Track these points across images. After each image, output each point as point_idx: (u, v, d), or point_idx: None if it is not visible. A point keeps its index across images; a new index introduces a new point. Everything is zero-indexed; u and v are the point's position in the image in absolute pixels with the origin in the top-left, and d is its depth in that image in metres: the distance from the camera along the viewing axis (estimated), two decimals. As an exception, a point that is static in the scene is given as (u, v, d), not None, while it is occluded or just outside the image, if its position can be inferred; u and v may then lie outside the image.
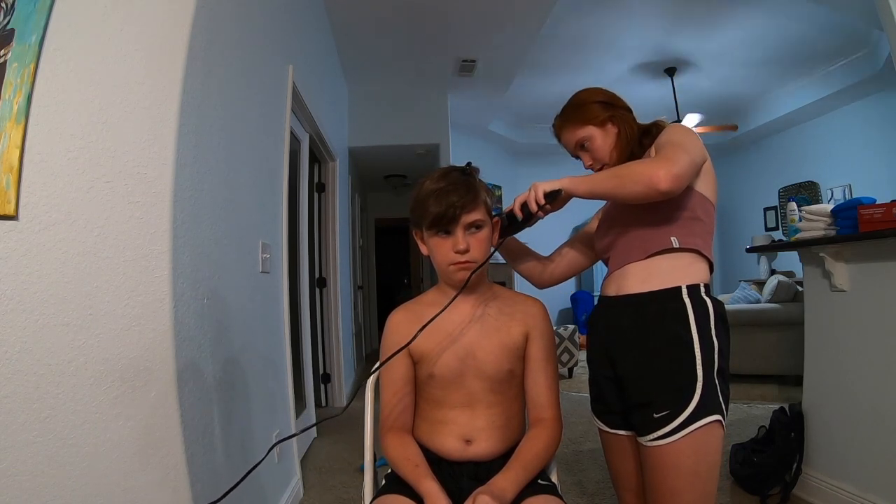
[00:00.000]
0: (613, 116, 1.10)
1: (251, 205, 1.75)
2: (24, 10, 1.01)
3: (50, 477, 0.99)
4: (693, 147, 0.96)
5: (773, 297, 3.89)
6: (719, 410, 0.91)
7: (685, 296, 0.95)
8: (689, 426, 0.89)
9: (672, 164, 0.88)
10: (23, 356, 0.97)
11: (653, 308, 0.97)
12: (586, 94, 1.14)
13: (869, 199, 1.62)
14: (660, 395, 0.93)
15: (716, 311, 0.96)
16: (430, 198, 0.95)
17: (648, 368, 0.96)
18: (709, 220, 1.02)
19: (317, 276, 3.66)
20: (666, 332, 0.95)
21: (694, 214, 1.00)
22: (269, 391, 1.89)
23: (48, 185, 1.02)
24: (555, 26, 3.72)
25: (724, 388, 0.94)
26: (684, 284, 0.96)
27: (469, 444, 0.99)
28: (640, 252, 1.01)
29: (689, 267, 0.98)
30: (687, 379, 0.91)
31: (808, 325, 1.91)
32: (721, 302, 0.99)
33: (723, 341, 0.95)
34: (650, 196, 0.89)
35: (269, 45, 2.00)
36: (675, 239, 0.98)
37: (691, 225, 0.99)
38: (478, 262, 0.98)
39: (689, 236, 0.99)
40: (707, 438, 0.90)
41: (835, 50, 4.33)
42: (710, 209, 1.03)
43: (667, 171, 0.87)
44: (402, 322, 1.05)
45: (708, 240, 1.02)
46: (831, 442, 1.79)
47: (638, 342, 0.98)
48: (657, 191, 0.88)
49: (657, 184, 0.87)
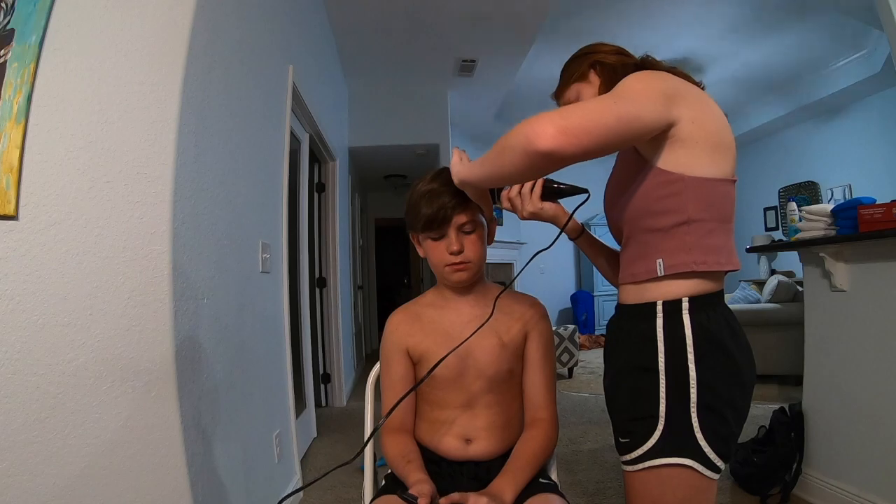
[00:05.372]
0: (595, 63, 0.93)
1: (251, 205, 1.75)
2: (24, 10, 1.01)
3: (50, 477, 0.99)
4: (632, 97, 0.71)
5: (773, 297, 3.89)
6: (694, 455, 0.73)
7: (659, 314, 0.77)
8: (647, 461, 0.76)
9: (562, 116, 0.64)
10: (23, 356, 0.97)
11: (627, 324, 0.84)
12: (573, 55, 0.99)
13: (869, 199, 1.62)
14: (623, 421, 0.82)
15: (700, 333, 0.75)
16: (422, 200, 0.94)
17: (616, 389, 0.85)
18: (713, 213, 0.76)
19: (317, 276, 3.66)
20: (633, 355, 0.80)
21: (685, 216, 0.75)
22: (269, 391, 1.89)
23: (48, 185, 1.02)
24: (555, 25, 3.73)
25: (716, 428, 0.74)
26: (660, 300, 0.77)
27: (469, 444, 0.99)
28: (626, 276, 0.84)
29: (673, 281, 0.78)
30: (647, 412, 0.76)
31: (808, 325, 1.91)
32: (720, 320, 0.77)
33: (706, 371, 0.74)
34: (534, 164, 0.67)
35: (269, 45, 2.00)
36: (660, 262, 0.77)
37: (683, 234, 0.76)
38: (473, 263, 0.97)
39: (680, 252, 0.76)
40: (673, 481, 0.74)
41: (835, 50, 4.33)
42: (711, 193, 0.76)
43: (551, 122, 0.64)
44: (401, 323, 1.05)
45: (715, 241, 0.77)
46: (831, 442, 1.79)
47: (612, 359, 0.89)
48: (537, 151, 0.64)
49: (534, 141, 0.64)
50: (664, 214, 0.77)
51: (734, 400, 0.76)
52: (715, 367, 0.75)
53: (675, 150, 0.75)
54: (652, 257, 0.78)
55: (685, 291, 0.77)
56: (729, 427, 0.75)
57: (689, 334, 0.75)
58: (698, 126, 0.74)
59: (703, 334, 0.75)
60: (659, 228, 0.78)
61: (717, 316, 0.77)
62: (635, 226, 0.81)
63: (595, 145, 0.66)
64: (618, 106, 0.69)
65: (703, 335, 0.75)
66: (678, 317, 0.76)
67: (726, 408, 0.75)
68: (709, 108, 0.78)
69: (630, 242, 0.84)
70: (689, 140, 0.74)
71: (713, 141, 0.76)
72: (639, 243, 0.81)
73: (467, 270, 0.97)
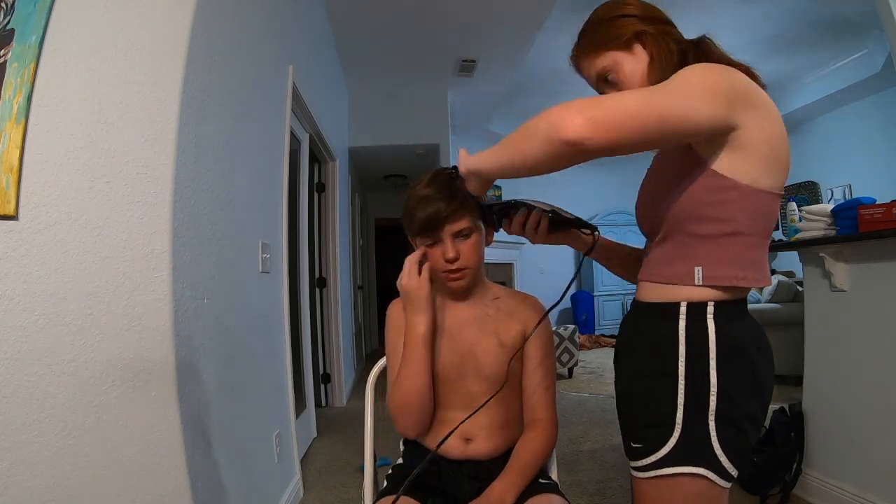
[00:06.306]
0: (643, 33, 0.80)
1: (251, 205, 1.75)
2: (24, 10, 1.01)
3: (50, 477, 0.99)
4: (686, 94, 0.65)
5: (773, 297, 3.89)
6: (709, 464, 0.70)
7: (682, 316, 0.73)
8: (660, 469, 0.72)
9: (595, 106, 0.60)
10: (23, 356, 0.97)
11: (647, 324, 0.79)
12: (606, 7, 0.84)
13: (869, 199, 1.62)
14: (636, 426, 0.78)
15: (723, 339, 0.71)
16: (417, 207, 0.93)
17: (631, 392, 0.82)
18: (760, 228, 0.73)
19: (317, 276, 3.66)
20: (651, 357, 0.77)
21: (735, 227, 0.71)
22: (269, 391, 1.89)
23: (48, 185, 1.02)
24: (556, 25, 3.72)
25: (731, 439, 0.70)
26: (685, 301, 0.73)
27: (469, 443, 0.99)
28: (656, 276, 0.79)
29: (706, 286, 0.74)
30: (663, 418, 0.73)
31: (808, 325, 1.91)
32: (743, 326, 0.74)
33: (727, 380, 0.70)
34: (556, 153, 0.62)
35: (269, 45, 2.00)
36: (699, 270, 0.73)
37: (729, 245, 0.72)
38: (470, 269, 0.97)
39: (723, 265, 0.72)
40: (685, 490, 0.71)
41: (835, 50, 4.33)
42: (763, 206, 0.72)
43: (581, 111, 0.59)
44: (402, 311, 1.05)
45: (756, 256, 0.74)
46: (831, 442, 1.79)
47: (626, 361, 0.85)
48: (561, 140, 0.60)
49: (560, 129, 0.59)
50: (712, 221, 0.72)
51: (754, 411, 0.73)
52: (737, 375, 0.71)
53: (733, 155, 0.69)
54: (690, 263, 0.74)
55: (712, 296, 0.73)
56: (747, 438, 0.72)
57: (713, 339, 0.71)
58: (763, 135, 0.69)
59: (727, 341, 0.71)
60: (704, 235, 0.73)
61: (742, 324, 0.74)
62: (677, 227, 0.76)
63: (629, 141, 0.61)
64: (666, 102, 0.63)
65: (727, 342, 0.71)
66: (702, 320, 0.72)
67: (744, 419, 0.72)
68: (774, 115, 0.71)
69: (666, 242, 0.78)
70: (749, 147, 0.69)
71: (774, 153, 0.71)
72: (677, 245, 0.76)
73: (464, 277, 0.97)
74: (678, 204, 0.74)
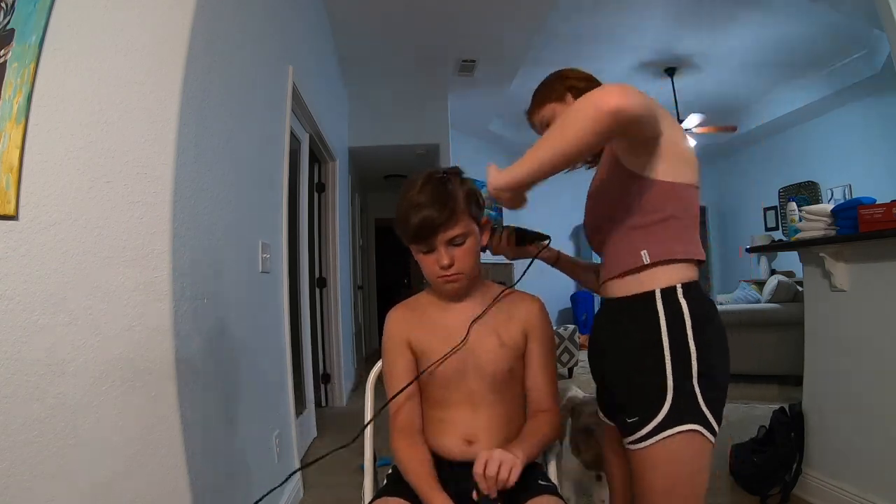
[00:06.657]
0: (573, 87, 1.06)
1: (251, 205, 1.75)
2: (24, 10, 1.01)
3: (50, 477, 0.99)
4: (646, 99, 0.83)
5: (773, 297, 3.89)
6: (699, 419, 0.84)
7: (658, 300, 0.88)
8: (658, 434, 0.84)
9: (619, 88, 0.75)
10: (23, 356, 0.97)
11: (626, 314, 0.93)
12: (548, 78, 1.12)
13: (869, 199, 1.62)
14: (631, 401, 0.89)
15: (694, 312, 0.87)
16: (410, 214, 0.93)
17: (621, 373, 0.93)
18: (687, 213, 0.91)
19: (317, 276, 3.66)
20: (637, 337, 0.90)
21: (665, 214, 0.89)
22: (269, 391, 1.89)
23: (48, 185, 1.02)
24: (555, 25, 3.72)
25: (711, 394, 0.85)
26: (658, 288, 0.89)
27: (471, 444, 0.99)
28: (614, 269, 0.94)
29: (664, 270, 0.89)
30: (656, 386, 0.85)
31: (808, 325, 1.91)
32: (705, 301, 0.91)
33: (704, 345, 0.86)
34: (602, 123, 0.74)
35: (269, 45, 2.00)
36: (645, 254, 0.89)
37: (664, 229, 0.89)
38: (465, 274, 0.97)
39: (663, 243, 0.89)
40: (682, 447, 0.84)
41: (834, 50, 4.33)
42: (685, 196, 0.90)
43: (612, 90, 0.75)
44: (400, 319, 1.05)
45: (689, 234, 0.91)
46: (831, 442, 1.79)
47: (614, 345, 0.95)
48: (606, 112, 0.73)
49: (604, 102, 0.73)
50: (648, 213, 0.89)
51: (724, 366, 0.89)
52: (709, 339, 0.87)
53: (657, 161, 0.88)
54: (636, 248, 0.90)
55: (678, 279, 0.89)
56: (722, 391, 0.88)
57: (686, 312, 0.87)
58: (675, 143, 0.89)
59: (698, 312, 0.87)
60: (643, 225, 0.90)
61: (703, 298, 0.91)
62: (621, 227, 0.92)
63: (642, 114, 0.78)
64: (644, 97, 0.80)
65: (698, 313, 0.87)
66: (674, 298, 0.88)
67: (718, 375, 0.87)
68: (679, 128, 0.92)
69: (614, 242, 0.95)
70: (667, 153, 0.88)
71: (685, 155, 0.90)
72: (623, 240, 0.92)
73: (459, 282, 0.98)
74: (619, 211, 0.92)
